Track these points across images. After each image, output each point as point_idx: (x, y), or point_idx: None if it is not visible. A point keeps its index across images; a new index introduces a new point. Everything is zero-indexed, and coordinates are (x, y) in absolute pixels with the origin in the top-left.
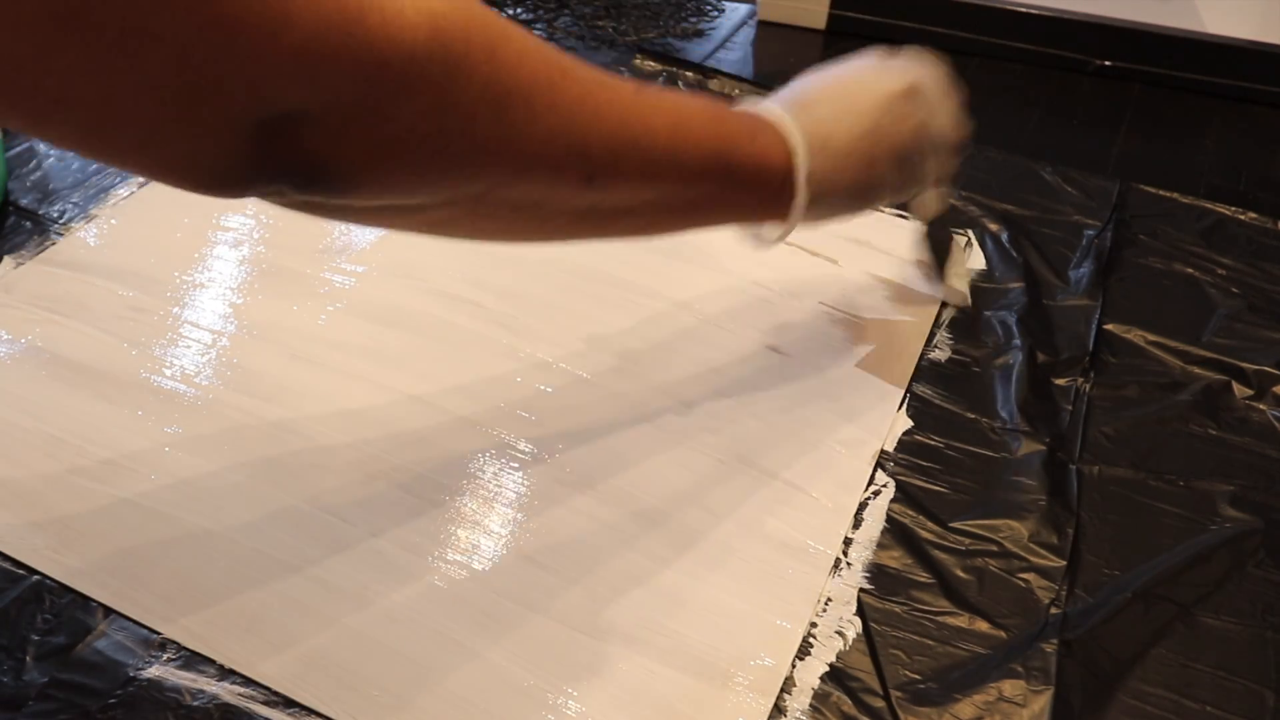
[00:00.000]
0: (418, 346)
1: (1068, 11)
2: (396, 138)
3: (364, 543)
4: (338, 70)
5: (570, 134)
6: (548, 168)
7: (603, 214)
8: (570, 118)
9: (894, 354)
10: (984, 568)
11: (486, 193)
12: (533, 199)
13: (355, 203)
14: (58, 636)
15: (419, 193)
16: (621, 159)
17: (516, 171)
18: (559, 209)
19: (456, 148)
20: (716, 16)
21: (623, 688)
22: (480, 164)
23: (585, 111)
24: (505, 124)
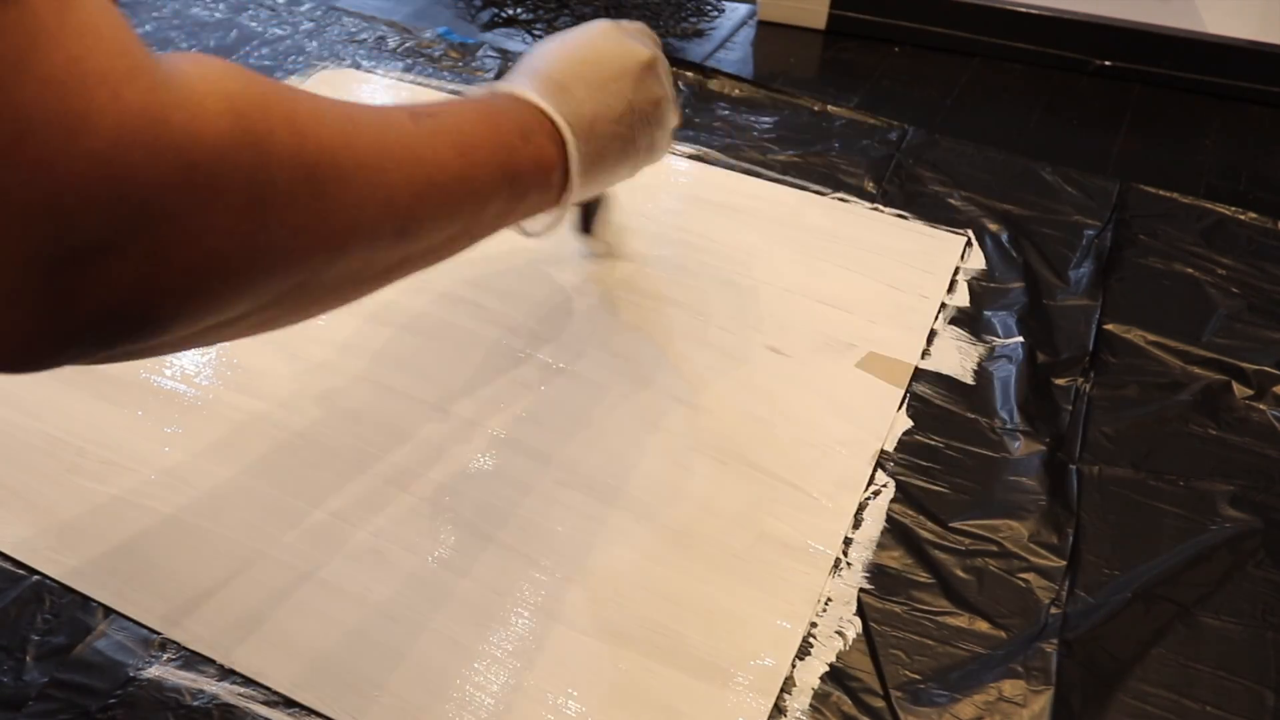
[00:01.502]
0: (418, 346)
1: (1068, 11)
2: (215, 250)
3: (364, 543)
4: (146, 181)
5: (379, 192)
6: (365, 234)
7: (413, 260)
8: (375, 173)
9: (894, 354)
10: (984, 568)
11: (309, 280)
12: (353, 270)
13: (174, 337)
14: (58, 636)
15: (240, 302)
16: (425, 201)
17: (338, 247)
18: (376, 270)
19: (276, 241)
20: (716, 16)
21: (623, 688)
22: (303, 251)
23: (385, 162)
24: (320, 200)
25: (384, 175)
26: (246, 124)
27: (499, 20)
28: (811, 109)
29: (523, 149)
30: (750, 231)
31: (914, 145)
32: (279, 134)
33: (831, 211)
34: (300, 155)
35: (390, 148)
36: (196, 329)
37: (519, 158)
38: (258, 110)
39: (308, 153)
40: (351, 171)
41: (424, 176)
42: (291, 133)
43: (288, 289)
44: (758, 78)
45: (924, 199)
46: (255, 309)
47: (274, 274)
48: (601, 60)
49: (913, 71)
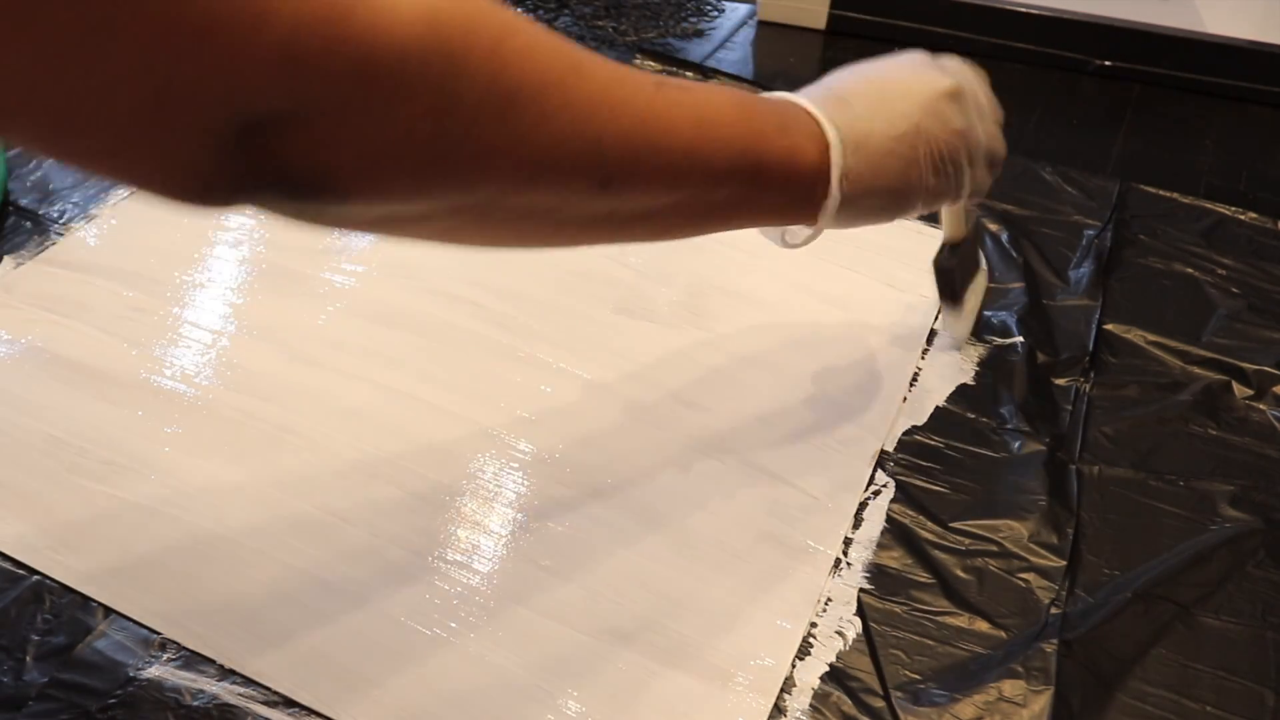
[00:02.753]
0: (418, 346)
1: (1068, 11)
2: (393, 142)
3: (364, 543)
4: (323, 71)
5: (584, 136)
6: (560, 172)
7: (620, 219)
8: (584, 118)
9: (893, 354)
10: (984, 568)
11: (494, 200)
12: (545, 206)
13: (352, 213)
14: (58, 636)
15: (420, 201)
16: (640, 161)
17: (526, 177)
18: (573, 215)
19: (459, 152)
20: (716, 16)
21: (623, 688)
22: (486, 169)
23: (600, 111)
24: (512, 126)
25: (593, 122)
26: (442, 35)
27: None
28: None
29: (775, 140)
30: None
31: None
32: (477, 54)
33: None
34: (497, 80)
35: (614, 103)
36: (378, 212)
37: (769, 147)
38: (459, 26)
39: (505, 82)
40: (553, 112)
41: (647, 139)
42: (492, 56)
43: (471, 204)
44: (758, 78)
45: None
46: (438, 213)
47: (451, 182)
48: (892, 80)
49: None
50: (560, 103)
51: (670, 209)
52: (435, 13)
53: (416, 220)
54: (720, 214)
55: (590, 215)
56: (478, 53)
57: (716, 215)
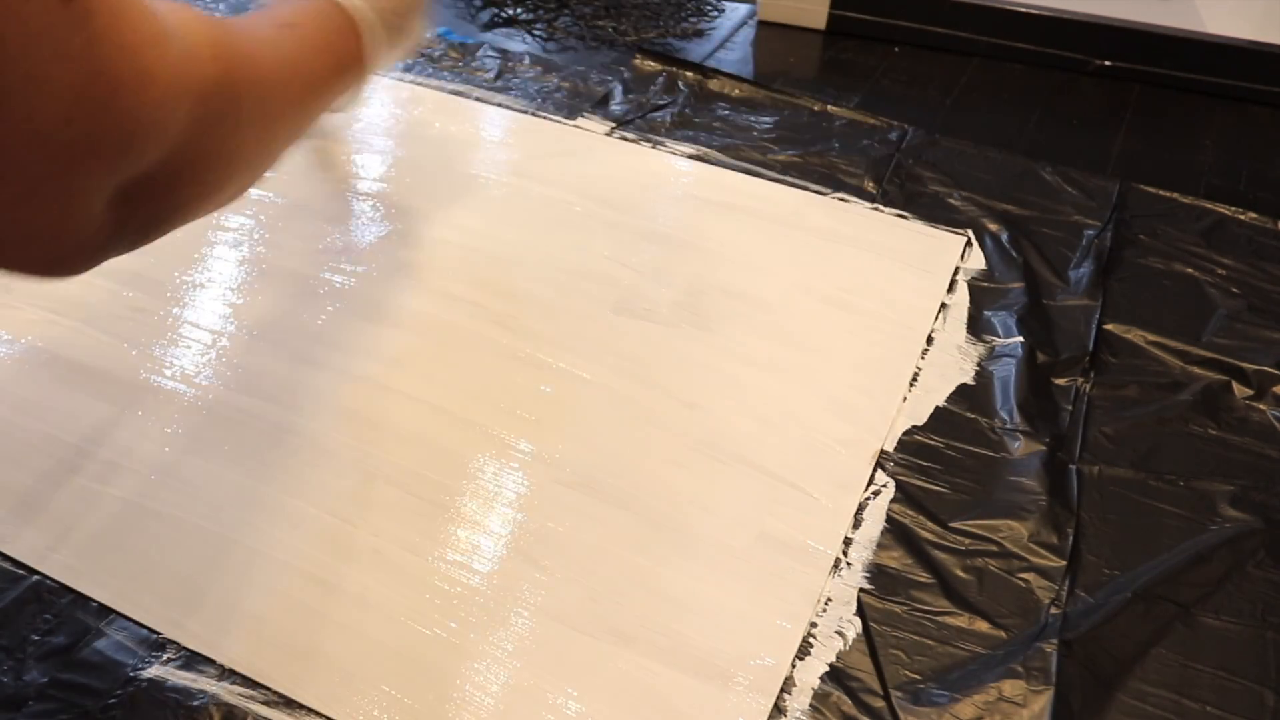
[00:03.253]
0: (418, 346)
1: (1068, 11)
2: (222, 159)
3: (364, 543)
4: (184, 113)
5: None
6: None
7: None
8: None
9: (893, 354)
10: (984, 568)
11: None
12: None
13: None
14: (58, 636)
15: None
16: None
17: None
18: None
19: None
20: (716, 16)
21: (623, 688)
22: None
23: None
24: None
25: (291, 88)
26: (225, 65)
27: (499, 20)
28: (811, 109)
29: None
30: (750, 231)
31: (914, 145)
32: (241, 67)
33: (831, 211)
34: (253, 82)
35: (290, 64)
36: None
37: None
38: (228, 52)
39: (256, 78)
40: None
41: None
42: (245, 64)
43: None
44: (758, 78)
45: (924, 199)
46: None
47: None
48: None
49: (913, 71)
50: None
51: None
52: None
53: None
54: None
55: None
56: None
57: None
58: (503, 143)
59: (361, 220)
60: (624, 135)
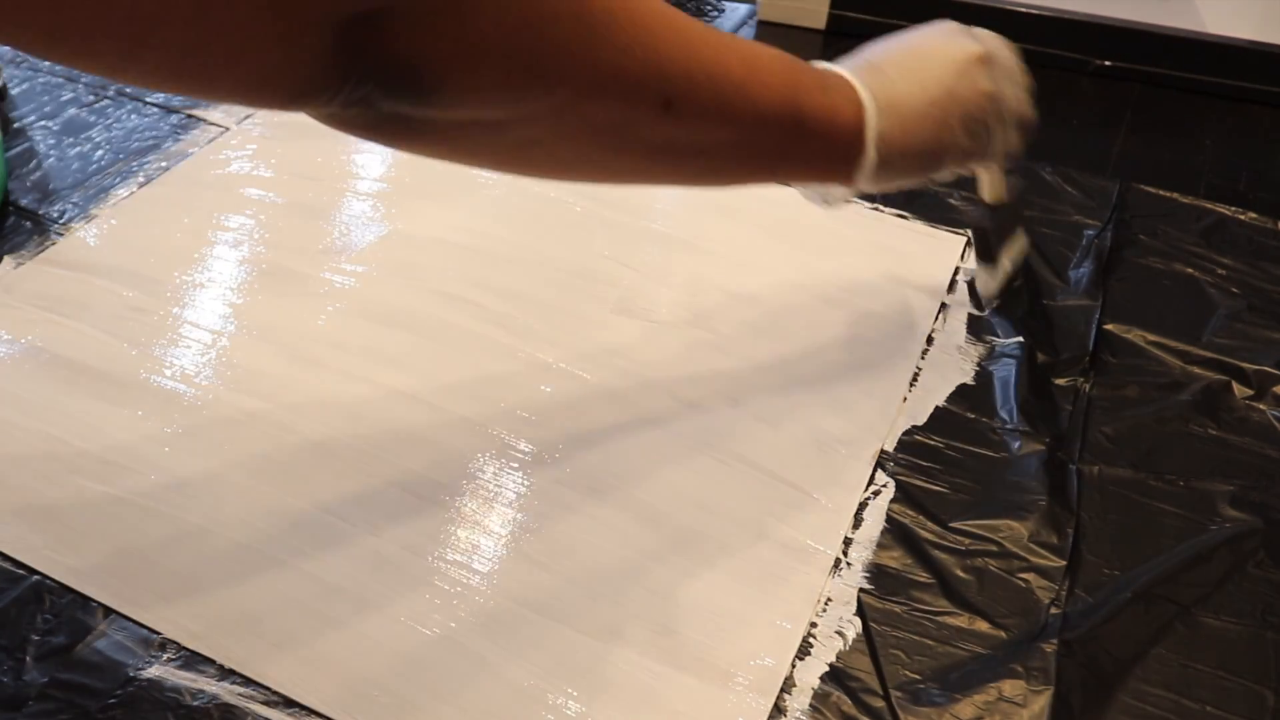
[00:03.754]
0: (418, 346)
1: (1068, 11)
2: (481, 34)
3: (364, 543)
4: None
5: (648, 51)
6: (627, 83)
7: (678, 150)
8: (648, 34)
9: (893, 354)
10: (984, 568)
11: (566, 107)
12: (612, 120)
13: (440, 113)
14: (58, 636)
15: (502, 99)
16: (698, 87)
17: (597, 83)
18: (636, 137)
19: (538, 49)
20: (716, 16)
21: (623, 688)
22: (561, 70)
23: (663, 32)
24: (585, 30)
25: (657, 43)
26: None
27: None
28: None
29: (817, 95)
30: (750, 231)
31: None
32: None
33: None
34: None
35: (674, 28)
36: (463, 114)
37: (810, 100)
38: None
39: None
40: (624, 25)
41: (703, 67)
42: None
43: (546, 109)
44: None
45: (924, 199)
46: (515, 119)
47: (531, 80)
48: (925, 47)
49: None
50: (628, 18)
51: (722, 145)
52: None
53: (494, 129)
54: (766, 158)
55: (652, 141)
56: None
57: (763, 159)
58: None
59: (361, 220)
60: None
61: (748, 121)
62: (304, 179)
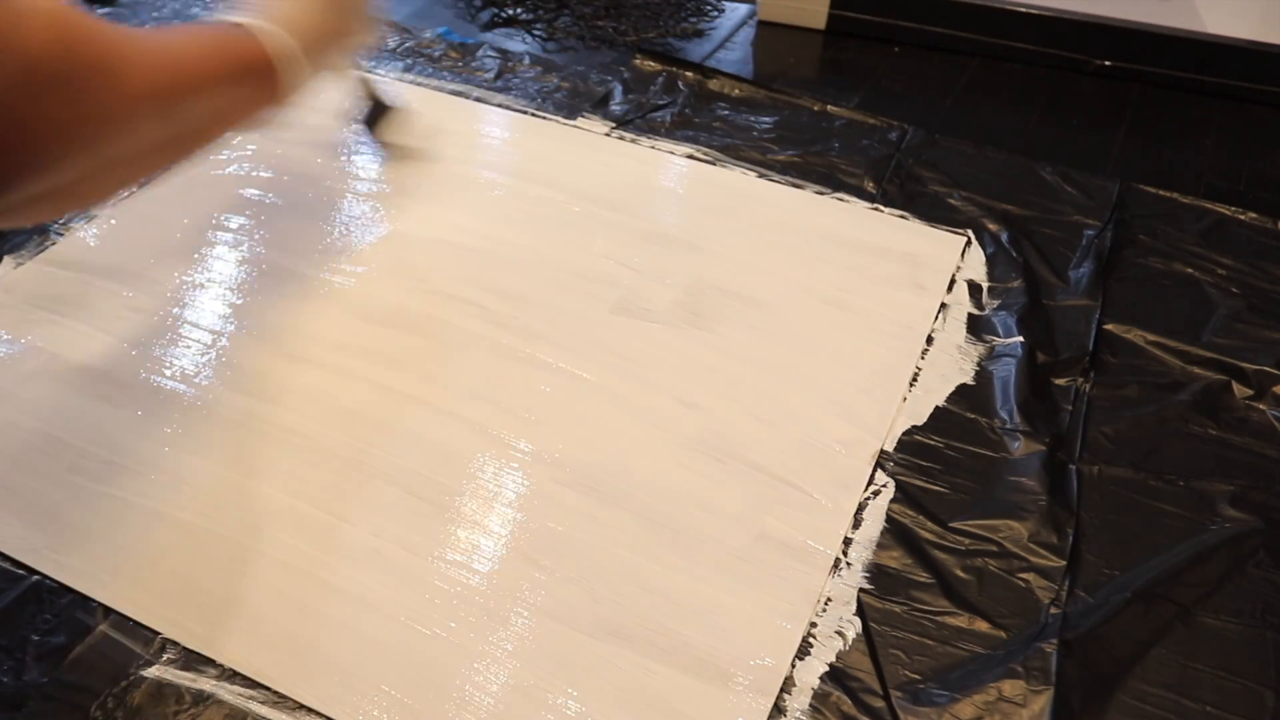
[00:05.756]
0: (418, 346)
1: (1068, 11)
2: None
3: (364, 543)
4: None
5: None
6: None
7: (182, 140)
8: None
9: (893, 354)
10: (984, 568)
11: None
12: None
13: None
14: (58, 636)
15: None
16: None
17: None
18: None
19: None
20: (716, 16)
21: (623, 688)
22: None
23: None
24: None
25: (151, 71)
26: (61, 34)
27: (499, 20)
28: (811, 109)
29: (246, 41)
30: (750, 231)
31: (914, 145)
32: (82, 40)
33: (831, 211)
34: (97, 55)
35: (153, 49)
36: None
37: (245, 48)
38: (69, 24)
39: (100, 53)
40: (130, 65)
41: (173, 66)
42: (90, 38)
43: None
44: (758, 78)
45: (924, 199)
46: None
47: (86, 146)
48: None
49: (913, 71)
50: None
51: (209, 119)
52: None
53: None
54: (238, 110)
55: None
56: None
57: (237, 112)
58: (503, 142)
59: (361, 220)
60: (624, 135)
61: (215, 90)
62: (303, 180)
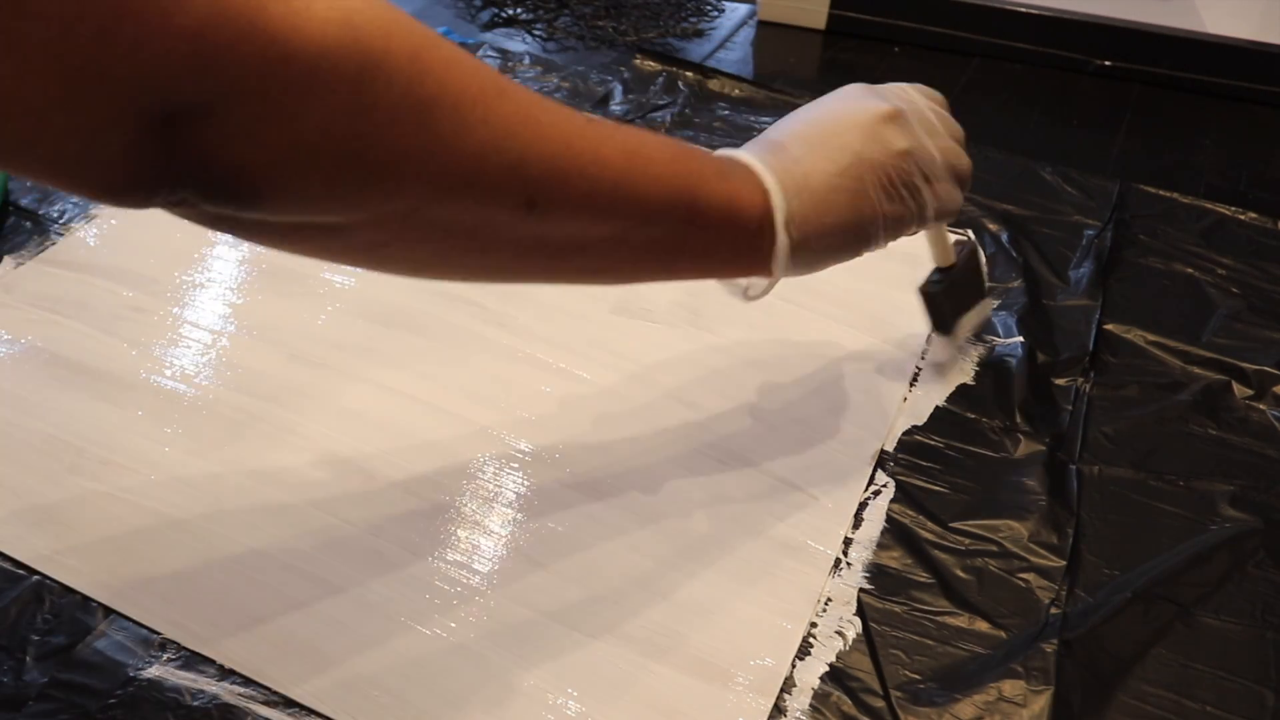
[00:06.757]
0: (418, 346)
1: (1068, 11)
2: (308, 139)
3: (364, 543)
4: (237, 60)
5: (506, 151)
6: (480, 188)
7: (552, 249)
8: (506, 134)
9: (893, 354)
10: (984, 568)
11: (413, 211)
12: (467, 224)
13: (269, 217)
14: (58, 636)
15: (335, 206)
16: (567, 185)
17: (445, 188)
18: (499, 238)
19: (375, 155)
20: (716, 16)
21: (623, 688)
22: (402, 176)
23: (523, 130)
24: (430, 133)
25: (516, 139)
26: (359, 36)
27: (499, 20)
28: None
29: (712, 182)
30: None
31: None
32: (395, 59)
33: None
34: (415, 86)
35: (539, 125)
36: (295, 218)
37: (704, 188)
38: (377, 30)
39: (425, 86)
40: (474, 124)
41: (573, 163)
42: (411, 63)
43: (389, 213)
44: (758, 78)
45: None
46: (357, 223)
47: (367, 186)
48: (827, 117)
49: (913, 71)
50: (481, 117)
51: (603, 243)
52: (352, 14)
53: (337, 233)
54: (658, 254)
55: (518, 240)
56: (396, 58)
57: (655, 255)
58: None
59: None
60: None
61: (629, 216)
62: None
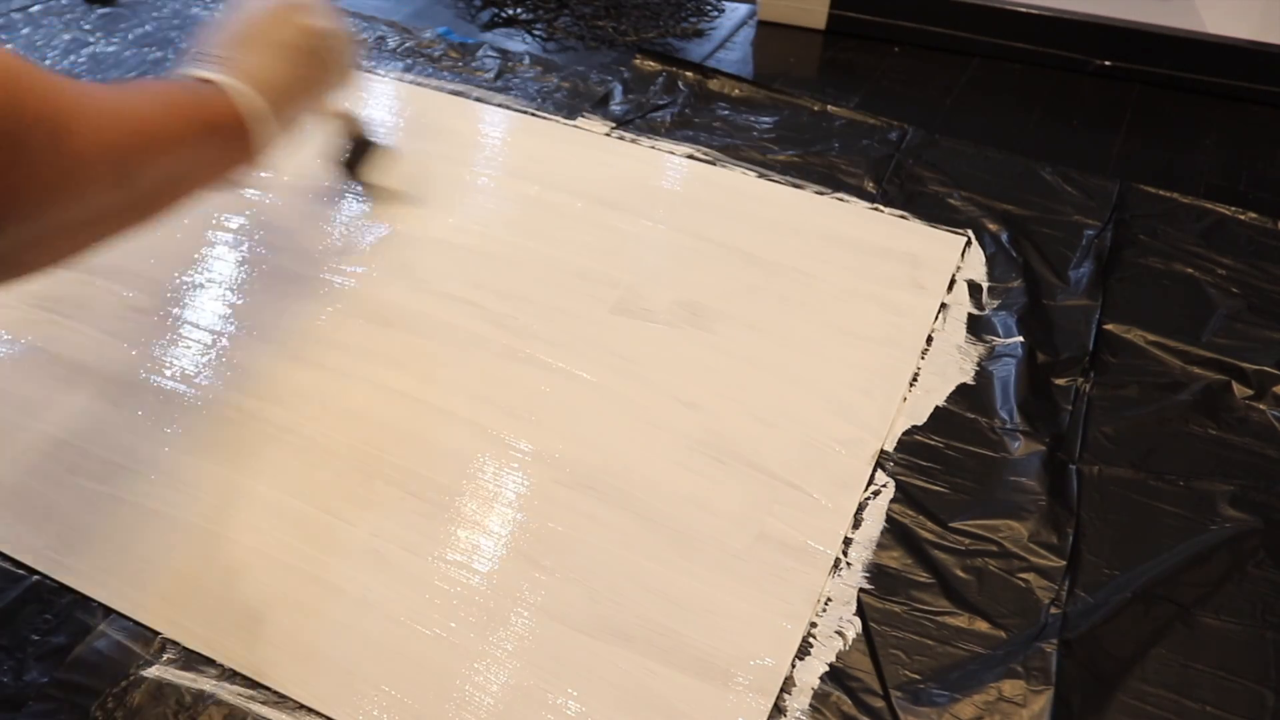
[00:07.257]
0: (418, 346)
1: (1068, 11)
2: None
3: (364, 543)
4: None
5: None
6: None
7: (139, 206)
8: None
9: (894, 354)
10: (984, 568)
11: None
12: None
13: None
14: (58, 636)
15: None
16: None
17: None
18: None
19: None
20: (716, 16)
21: (623, 688)
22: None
23: (104, 118)
24: (60, 148)
25: (104, 130)
26: (5, 94)
27: (499, 20)
28: (811, 109)
29: (214, 99)
30: (750, 231)
31: (914, 145)
32: (27, 94)
33: (831, 211)
34: (44, 112)
35: (108, 107)
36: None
37: (212, 106)
38: (12, 76)
39: (48, 110)
40: (81, 123)
41: (130, 126)
42: (36, 93)
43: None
44: (758, 78)
45: (924, 199)
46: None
47: (31, 211)
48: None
49: (913, 71)
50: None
51: (169, 182)
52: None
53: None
54: (205, 173)
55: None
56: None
57: (202, 175)
58: (503, 143)
59: (361, 220)
60: (624, 135)
61: (178, 152)
62: (303, 180)
